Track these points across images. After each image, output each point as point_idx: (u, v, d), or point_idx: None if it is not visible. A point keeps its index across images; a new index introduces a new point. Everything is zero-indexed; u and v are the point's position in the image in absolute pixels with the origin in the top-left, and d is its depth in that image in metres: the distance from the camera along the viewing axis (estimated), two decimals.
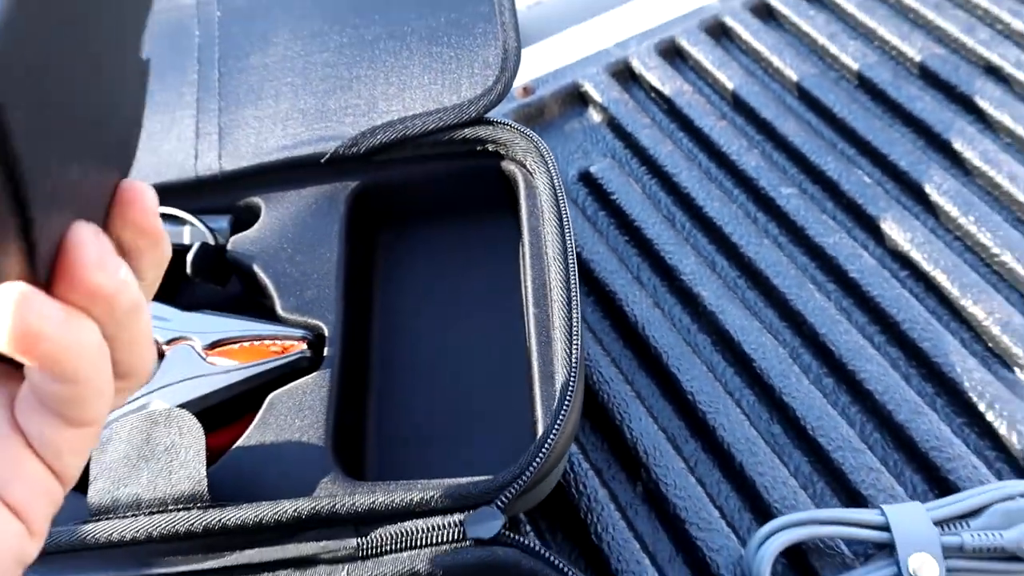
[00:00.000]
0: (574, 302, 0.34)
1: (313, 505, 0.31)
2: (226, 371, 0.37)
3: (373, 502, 0.30)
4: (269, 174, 0.42)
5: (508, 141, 0.40)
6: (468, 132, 0.40)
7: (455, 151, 0.41)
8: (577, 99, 0.52)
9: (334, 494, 0.32)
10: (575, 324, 0.33)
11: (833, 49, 0.51)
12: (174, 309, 0.39)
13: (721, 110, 0.50)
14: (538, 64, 0.55)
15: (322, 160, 0.41)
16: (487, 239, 0.43)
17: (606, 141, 0.50)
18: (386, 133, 0.41)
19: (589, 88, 0.51)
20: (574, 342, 0.33)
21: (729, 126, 0.48)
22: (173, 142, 0.43)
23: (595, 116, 0.52)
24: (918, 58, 0.50)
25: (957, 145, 0.45)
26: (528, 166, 0.40)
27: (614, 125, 0.50)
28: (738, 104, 0.50)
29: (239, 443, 0.34)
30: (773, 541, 0.33)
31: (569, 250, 0.35)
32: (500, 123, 0.40)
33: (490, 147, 0.41)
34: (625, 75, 0.53)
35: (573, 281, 0.35)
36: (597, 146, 0.50)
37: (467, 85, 0.41)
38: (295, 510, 0.30)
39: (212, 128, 0.43)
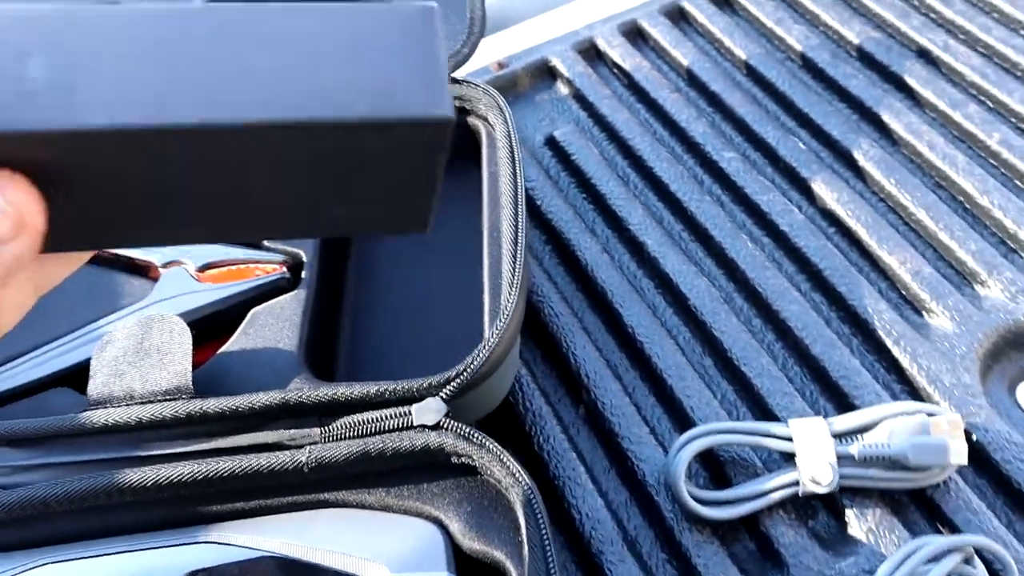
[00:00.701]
0: (520, 235, 0.38)
1: (282, 397, 0.35)
2: (214, 289, 0.41)
3: (335, 394, 0.35)
4: None
5: (472, 97, 0.45)
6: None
7: None
8: (546, 73, 0.57)
9: (301, 388, 0.36)
10: (519, 252, 0.38)
11: (780, 31, 0.56)
12: None
13: (675, 84, 0.55)
14: (514, 44, 0.59)
15: None
16: (455, 186, 0.47)
17: (571, 110, 0.55)
18: None
19: (557, 63, 0.56)
20: (517, 266, 0.37)
21: (681, 98, 0.53)
22: None
23: (562, 88, 0.56)
24: (856, 41, 0.54)
25: (885, 118, 0.50)
26: (489, 120, 0.44)
27: (578, 96, 0.55)
28: (691, 79, 0.55)
29: (222, 349, 0.39)
30: (689, 447, 0.37)
31: (519, 192, 0.40)
32: (465, 82, 0.45)
33: (456, 103, 0.45)
34: (591, 53, 0.57)
35: (521, 218, 0.39)
36: (563, 115, 0.55)
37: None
38: (266, 401, 0.35)
39: None
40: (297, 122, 0.18)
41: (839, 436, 0.37)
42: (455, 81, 0.45)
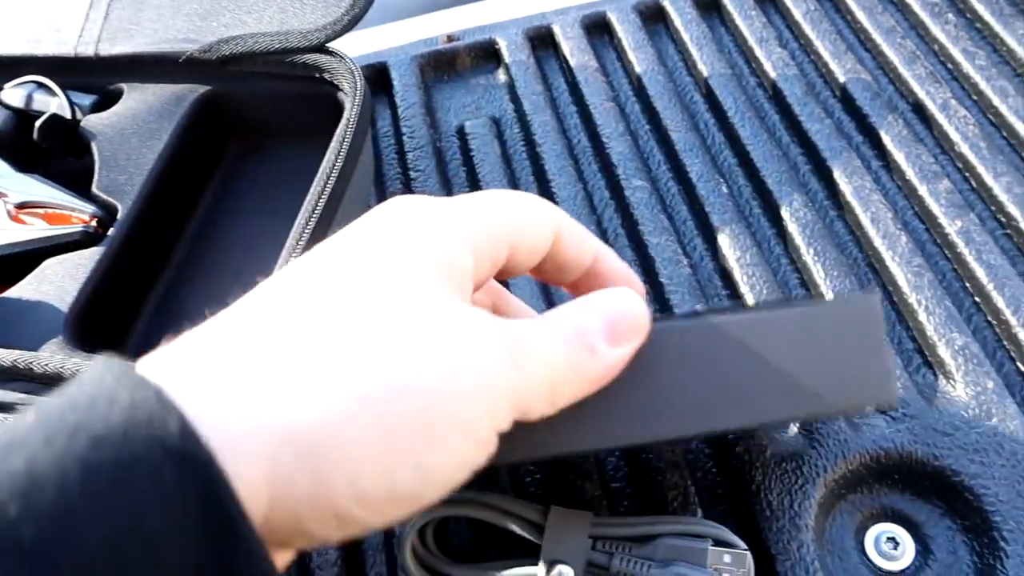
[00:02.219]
0: (315, 210, 0.34)
1: (15, 359, 0.33)
2: (19, 229, 0.39)
3: (62, 366, 0.32)
4: (138, 64, 0.44)
5: (337, 71, 0.40)
6: (308, 58, 0.41)
7: (298, 74, 0.42)
8: (491, 56, 0.51)
9: (40, 356, 0.33)
10: (308, 226, 0.34)
11: (759, 52, 0.48)
12: (7, 167, 0.42)
13: (618, 92, 0.48)
14: (478, 17, 0.54)
15: (180, 60, 0.43)
16: (312, 156, 0.43)
17: (500, 101, 0.49)
18: (235, 45, 0.42)
19: (502, 47, 0.50)
20: (300, 242, 0.33)
21: (614, 109, 0.46)
22: (64, 16, 0.46)
23: (501, 75, 0.51)
24: (841, 79, 0.46)
25: (836, 176, 0.42)
26: (346, 94, 0.40)
27: (511, 87, 0.49)
28: (638, 89, 0.48)
29: (3, 294, 0.37)
30: (420, 520, 0.32)
31: (333, 170, 0.36)
32: (335, 54, 0.40)
33: (326, 76, 0.41)
34: (546, 41, 0.51)
35: (325, 194, 0.35)
36: (491, 104, 0.49)
37: (321, 14, 0.41)
38: (3, 359, 0.32)
39: (100, 13, 0.45)
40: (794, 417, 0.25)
41: (601, 539, 0.32)
42: (327, 52, 0.41)
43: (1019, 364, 0.36)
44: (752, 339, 0.24)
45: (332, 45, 0.41)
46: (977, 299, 0.38)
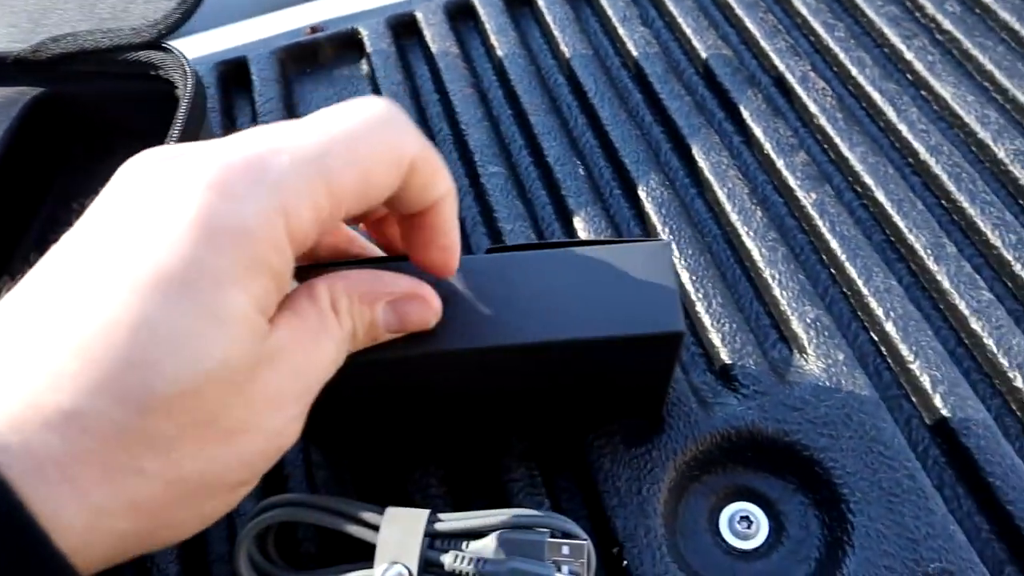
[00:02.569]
0: None
1: None
2: None
3: None
4: None
5: (170, 67, 0.38)
6: (141, 55, 0.39)
7: (133, 72, 0.40)
8: (353, 46, 0.50)
9: None
10: None
11: (622, 31, 0.47)
12: None
13: (480, 76, 0.47)
14: (343, 6, 0.53)
15: (8, 61, 0.41)
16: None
17: (362, 92, 0.48)
18: (64, 43, 0.39)
19: (365, 37, 0.49)
20: None
21: (474, 95, 0.45)
22: None
23: (363, 66, 0.49)
24: (703, 54, 0.45)
25: (695, 152, 0.41)
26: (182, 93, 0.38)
27: (372, 78, 0.48)
28: (500, 73, 0.47)
29: None
30: (259, 519, 0.31)
31: None
32: (167, 49, 0.39)
33: (161, 72, 0.39)
34: (409, 29, 0.50)
35: None
36: (353, 96, 0.47)
37: (152, 9, 0.39)
38: None
39: None
40: (576, 340, 0.26)
41: (438, 536, 0.30)
42: (157, 48, 0.39)
43: (872, 334, 0.36)
44: (564, 269, 0.27)
45: (179, 41, 0.39)
46: (832, 270, 0.38)
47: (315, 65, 0.50)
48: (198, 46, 0.51)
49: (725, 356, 0.35)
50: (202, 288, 0.19)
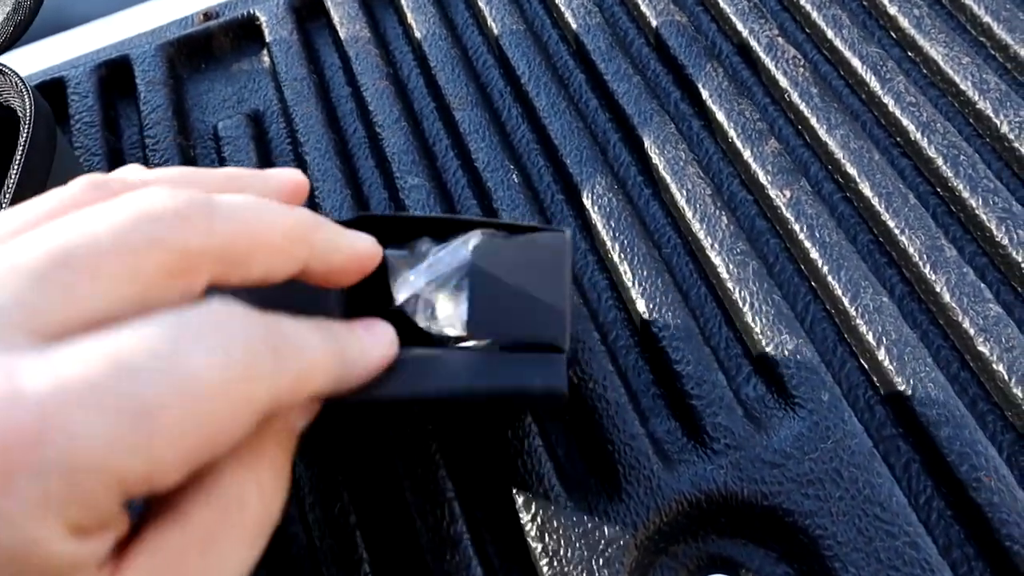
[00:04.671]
0: None
1: None
2: None
3: None
4: None
5: (5, 91, 0.32)
6: None
7: None
8: (252, 34, 0.43)
9: None
10: None
11: (559, 1, 0.40)
12: None
13: (397, 64, 0.40)
14: None
15: None
16: None
17: (264, 90, 0.41)
18: None
19: (264, 23, 0.42)
20: None
21: (389, 89, 0.38)
22: None
23: (265, 57, 0.42)
24: (654, 23, 0.39)
25: (645, 142, 0.35)
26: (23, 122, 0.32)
27: (274, 71, 0.41)
28: (420, 59, 0.40)
29: None
30: None
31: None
32: (3, 69, 0.32)
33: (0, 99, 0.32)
34: (314, 9, 0.43)
35: None
36: (254, 95, 0.41)
37: None
38: None
39: None
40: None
41: None
42: None
43: (861, 361, 0.31)
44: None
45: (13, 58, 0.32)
46: (813, 284, 0.32)
47: (210, 60, 0.43)
48: (74, 44, 0.44)
49: (690, 399, 0.30)
50: None
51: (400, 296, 0.26)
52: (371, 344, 0.23)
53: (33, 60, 0.44)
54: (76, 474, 0.14)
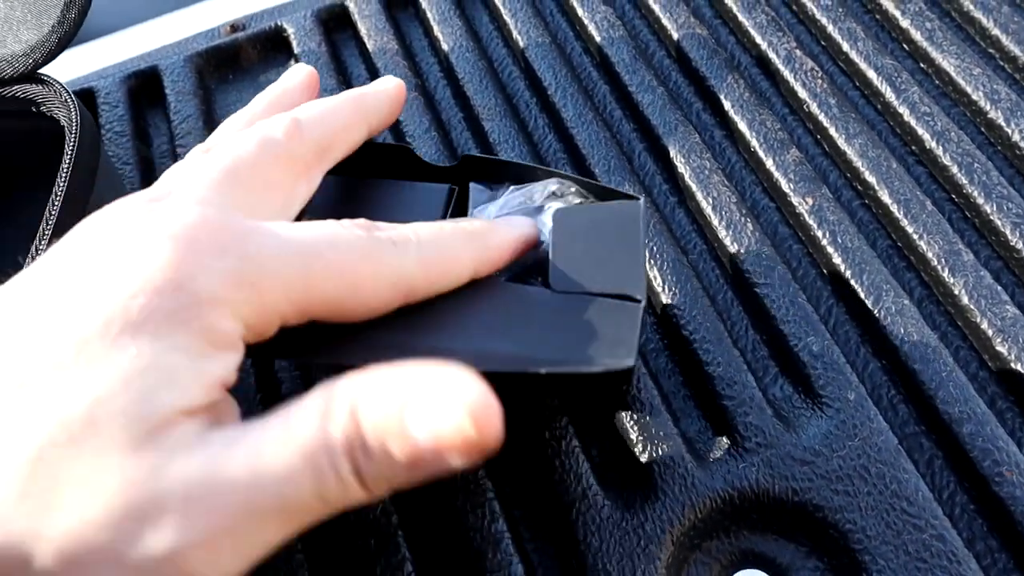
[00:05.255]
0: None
1: None
2: None
3: None
4: None
5: (50, 102, 0.33)
6: (17, 90, 0.33)
7: (11, 109, 0.34)
8: (280, 46, 0.44)
9: None
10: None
11: (581, 13, 0.41)
12: None
13: (424, 75, 0.42)
14: (266, 1, 0.46)
15: None
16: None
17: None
18: None
19: (291, 34, 0.43)
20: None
21: (418, 99, 0.39)
22: None
23: None
24: (675, 36, 0.40)
25: (673, 156, 0.36)
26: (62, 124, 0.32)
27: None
28: (447, 70, 0.41)
29: None
30: None
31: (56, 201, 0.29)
32: (45, 81, 0.33)
33: (43, 109, 0.33)
34: (341, 22, 0.44)
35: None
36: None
37: (33, 34, 0.33)
38: None
39: None
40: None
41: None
42: (36, 80, 0.33)
43: (884, 361, 0.32)
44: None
45: (55, 69, 0.33)
46: (835, 287, 0.34)
47: (237, 70, 0.44)
48: (102, 54, 0.45)
49: (721, 399, 0.31)
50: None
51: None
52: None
53: (62, 70, 0.45)
54: (250, 274, 0.20)
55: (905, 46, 0.40)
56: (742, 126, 0.37)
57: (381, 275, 0.22)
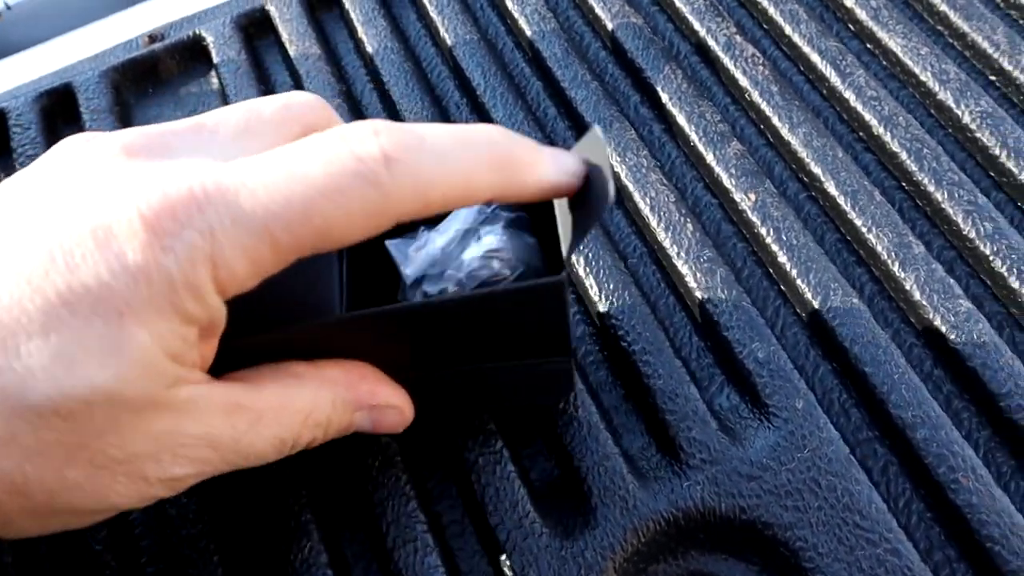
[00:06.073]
0: None
1: None
2: None
3: None
4: None
5: None
6: None
7: None
8: (199, 56, 0.42)
9: None
10: None
11: (511, 6, 0.39)
12: None
13: (350, 81, 0.39)
14: (185, 9, 0.44)
15: None
16: None
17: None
18: None
19: (210, 43, 0.41)
20: None
21: (342, 106, 0.37)
22: None
23: (214, 79, 0.41)
24: (609, 25, 0.38)
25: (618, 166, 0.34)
26: None
27: (224, 92, 0.40)
28: (372, 75, 0.39)
29: None
30: None
31: None
32: None
33: None
34: (262, 27, 0.42)
35: None
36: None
37: None
38: None
39: None
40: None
41: None
42: None
43: (834, 363, 0.30)
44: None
45: None
46: (782, 287, 0.32)
47: (157, 83, 0.42)
48: (12, 73, 0.43)
49: (663, 414, 0.29)
50: (102, 315, 0.18)
51: (410, 272, 0.26)
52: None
53: None
54: (221, 241, 0.19)
55: (850, 26, 0.38)
56: (681, 119, 0.35)
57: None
